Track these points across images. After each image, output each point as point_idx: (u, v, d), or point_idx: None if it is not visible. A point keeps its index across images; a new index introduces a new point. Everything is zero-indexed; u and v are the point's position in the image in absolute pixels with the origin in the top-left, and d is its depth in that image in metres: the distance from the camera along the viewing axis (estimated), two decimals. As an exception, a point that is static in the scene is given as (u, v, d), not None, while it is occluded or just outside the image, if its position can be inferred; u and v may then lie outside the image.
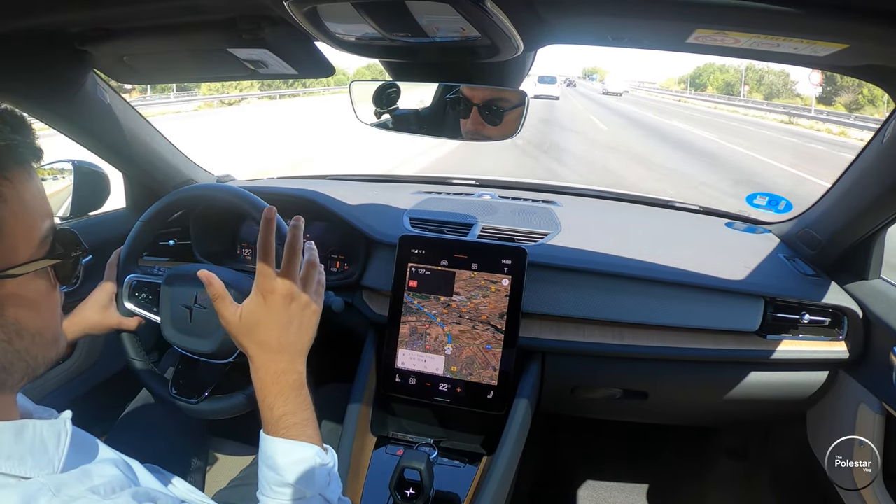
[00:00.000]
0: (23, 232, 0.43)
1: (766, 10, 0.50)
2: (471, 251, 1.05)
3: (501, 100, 0.84)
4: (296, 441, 0.57)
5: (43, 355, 0.47)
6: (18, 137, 0.43)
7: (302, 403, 0.60)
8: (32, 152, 0.45)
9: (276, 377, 0.59)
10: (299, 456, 0.57)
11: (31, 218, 0.44)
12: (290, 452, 0.57)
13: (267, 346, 0.59)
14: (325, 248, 1.28)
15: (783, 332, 1.04)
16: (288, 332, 0.60)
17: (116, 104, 1.09)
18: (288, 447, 0.57)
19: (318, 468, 0.57)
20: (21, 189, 0.43)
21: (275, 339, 0.59)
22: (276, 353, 0.59)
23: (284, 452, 0.57)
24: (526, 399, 1.01)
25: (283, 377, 0.59)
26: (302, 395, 0.60)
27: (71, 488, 0.42)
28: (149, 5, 0.70)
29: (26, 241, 0.44)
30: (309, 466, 0.56)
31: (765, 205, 1.32)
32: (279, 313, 0.59)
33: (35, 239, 0.44)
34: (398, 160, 7.66)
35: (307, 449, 0.58)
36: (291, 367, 0.60)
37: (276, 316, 0.59)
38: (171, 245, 1.32)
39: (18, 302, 0.43)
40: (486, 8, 0.54)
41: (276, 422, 0.58)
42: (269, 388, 0.59)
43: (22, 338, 0.44)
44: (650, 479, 1.56)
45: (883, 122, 0.85)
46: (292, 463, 0.56)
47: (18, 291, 0.43)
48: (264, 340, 0.59)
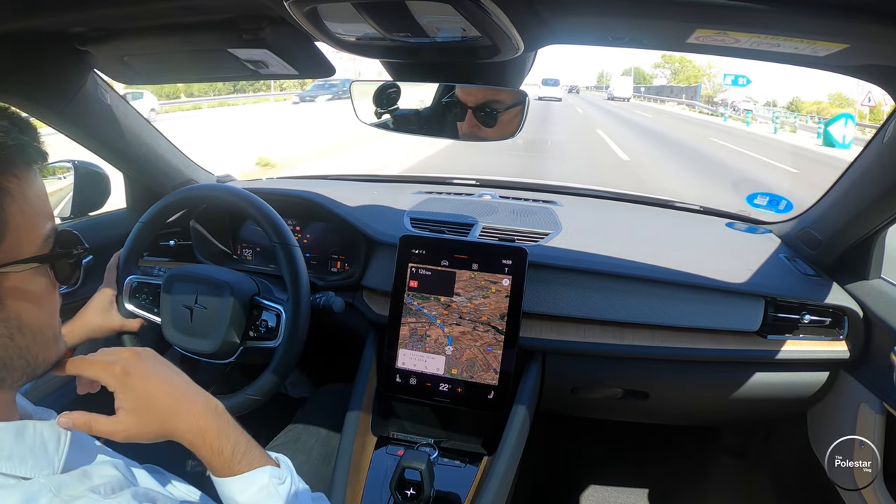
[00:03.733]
0: (27, 229, 0.44)
1: (767, 10, 0.50)
2: (471, 251, 1.05)
3: (495, 101, 0.84)
4: (249, 472, 0.55)
5: (43, 355, 0.47)
6: (26, 138, 0.45)
7: (232, 426, 0.57)
8: (38, 154, 0.46)
9: (208, 421, 0.55)
10: (258, 485, 0.55)
11: (35, 216, 0.45)
12: (248, 486, 0.55)
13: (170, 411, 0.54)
14: (326, 249, 1.28)
15: (784, 333, 1.04)
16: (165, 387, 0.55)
17: (117, 104, 1.09)
18: (244, 483, 0.55)
19: (278, 487, 0.56)
20: (27, 188, 0.44)
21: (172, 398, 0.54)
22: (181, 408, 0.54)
23: (242, 489, 0.55)
24: (526, 399, 1.01)
25: (207, 416, 0.55)
26: (225, 418, 0.57)
27: (71, 488, 0.42)
28: (149, 5, 0.70)
29: (30, 239, 0.45)
30: (269, 491, 0.55)
31: (765, 205, 1.33)
32: (145, 382, 0.54)
33: (38, 237, 0.45)
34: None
35: (262, 475, 0.55)
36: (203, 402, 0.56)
37: (148, 384, 0.54)
38: (171, 245, 1.32)
39: (21, 296, 0.44)
40: (486, 8, 0.54)
41: (229, 461, 0.55)
42: (208, 435, 0.54)
43: (24, 334, 0.44)
44: (651, 479, 1.56)
45: (883, 122, 0.85)
46: (254, 495, 0.55)
47: (21, 286, 0.44)
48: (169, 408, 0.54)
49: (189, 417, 0.54)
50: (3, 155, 0.43)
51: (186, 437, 0.54)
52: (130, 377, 0.53)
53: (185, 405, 0.55)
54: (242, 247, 1.36)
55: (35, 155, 0.45)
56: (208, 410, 0.56)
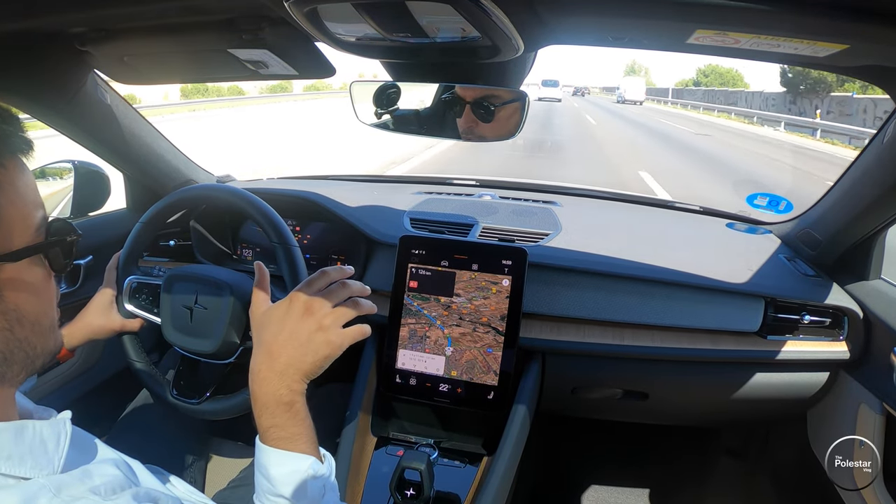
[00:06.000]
0: (19, 219, 0.44)
1: (767, 10, 0.50)
2: (471, 252, 1.05)
3: (493, 96, 0.84)
4: (288, 452, 0.57)
5: (41, 345, 0.47)
6: (9, 128, 0.44)
7: (292, 419, 0.58)
8: (24, 143, 0.45)
9: (265, 385, 0.57)
10: (292, 467, 0.56)
11: (25, 206, 0.45)
12: (283, 464, 0.56)
13: (268, 348, 0.58)
14: (326, 249, 1.29)
15: (784, 333, 1.04)
16: (291, 344, 0.58)
17: (117, 105, 1.09)
18: (280, 458, 0.56)
19: (310, 480, 0.57)
20: (15, 177, 0.44)
21: (278, 344, 0.58)
22: (273, 359, 0.58)
23: (277, 463, 0.56)
24: (526, 399, 1.01)
25: (273, 388, 0.57)
26: (292, 412, 0.58)
27: (71, 488, 0.42)
28: (149, 6, 0.70)
29: (22, 228, 0.44)
30: (301, 479, 0.56)
31: (765, 205, 1.32)
32: (293, 322, 0.59)
33: (31, 227, 0.45)
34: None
35: (301, 461, 0.57)
36: (283, 381, 0.57)
37: (288, 323, 0.59)
38: (171, 245, 1.32)
39: (18, 286, 0.44)
40: (486, 8, 0.54)
41: (263, 432, 0.57)
42: (257, 396, 0.58)
43: (23, 325, 0.44)
44: (651, 480, 1.56)
45: (883, 122, 0.85)
46: (285, 474, 0.56)
47: (16, 276, 0.44)
48: (268, 341, 0.59)
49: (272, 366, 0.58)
50: None
51: (286, 396, 0.57)
52: (296, 303, 0.60)
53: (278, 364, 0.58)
54: (242, 247, 1.36)
55: (20, 144, 0.45)
56: (280, 387, 0.58)
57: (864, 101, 15.34)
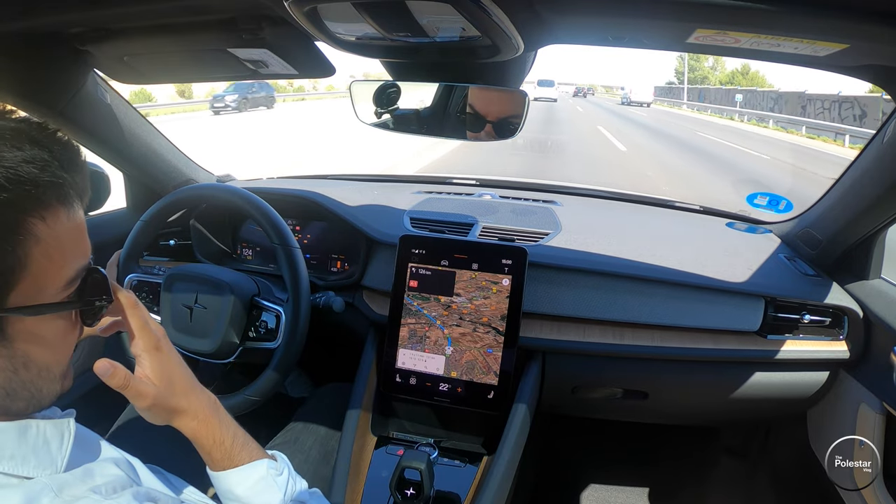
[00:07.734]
0: (53, 272, 0.41)
1: (767, 10, 0.50)
2: (471, 251, 1.05)
3: (514, 116, 0.84)
4: (247, 464, 0.56)
5: (48, 388, 0.45)
6: (66, 176, 0.40)
7: (230, 419, 0.58)
8: (79, 192, 0.42)
9: (211, 411, 0.57)
10: (255, 477, 0.56)
11: (63, 258, 0.42)
12: (246, 478, 0.56)
13: (185, 391, 0.56)
14: (326, 249, 1.29)
15: (784, 332, 1.04)
16: (182, 369, 0.57)
17: (117, 104, 1.09)
18: (242, 476, 0.56)
19: (276, 478, 0.57)
20: (59, 229, 0.40)
21: (186, 380, 0.57)
22: (192, 392, 0.57)
23: (239, 482, 0.56)
24: (526, 399, 1.01)
25: (210, 407, 0.57)
26: (223, 411, 0.58)
27: (73, 488, 0.42)
28: (149, 5, 0.70)
29: (54, 282, 0.42)
30: (268, 482, 0.56)
31: (765, 205, 1.32)
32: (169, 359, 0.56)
33: (63, 279, 0.42)
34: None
35: (259, 467, 0.57)
36: (206, 393, 0.58)
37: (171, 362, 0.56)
38: (171, 245, 1.32)
39: (32, 339, 0.42)
40: (486, 8, 0.54)
41: (229, 452, 0.56)
42: (211, 425, 0.56)
43: (28, 370, 0.42)
44: (651, 479, 1.56)
45: (883, 121, 0.85)
46: (251, 486, 0.56)
47: (35, 329, 0.41)
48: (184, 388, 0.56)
49: (197, 404, 0.56)
50: (33, 192, 0.38)
51: (191, 425, 0.56)
52: (160, 352, 0.55)
53: (195, 392, 0.57)
54: (242, 246, 1.36)
55: (75, 194, 0.41)
56: (210, 402, 0.58)
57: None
